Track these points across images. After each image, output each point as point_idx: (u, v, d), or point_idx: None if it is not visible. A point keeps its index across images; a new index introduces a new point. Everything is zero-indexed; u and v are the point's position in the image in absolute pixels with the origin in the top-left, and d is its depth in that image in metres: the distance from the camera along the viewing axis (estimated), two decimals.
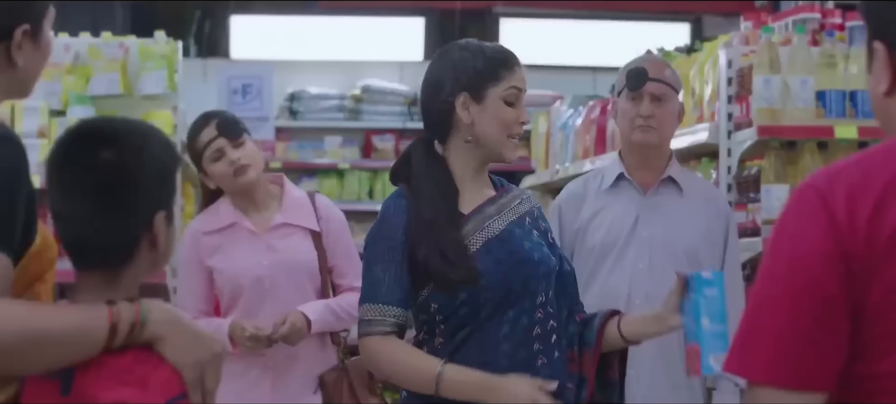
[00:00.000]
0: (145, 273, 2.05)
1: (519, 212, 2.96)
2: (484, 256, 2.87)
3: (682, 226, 3.89)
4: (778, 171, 4.37)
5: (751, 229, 4.41)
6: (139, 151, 1.98)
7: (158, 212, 2.00)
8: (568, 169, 6.42)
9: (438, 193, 2.88)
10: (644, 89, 3.89)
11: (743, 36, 4.98)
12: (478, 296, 2.85)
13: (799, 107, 4.38)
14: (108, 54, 4.80)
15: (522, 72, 2.94)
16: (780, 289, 1.71)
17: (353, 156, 9.40)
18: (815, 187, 1.71)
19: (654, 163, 3.96)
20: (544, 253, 2.93)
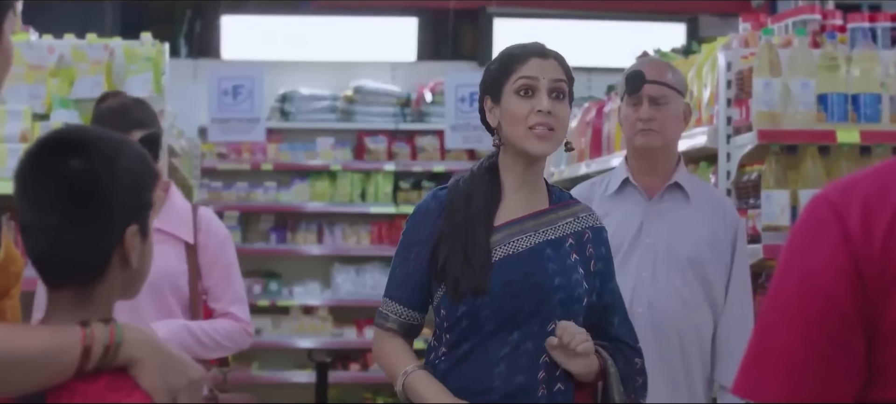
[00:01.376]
0: (120, 293, 1.97)
1: (563, 232, 2.87)
2: (497, 272, 2.80)
3: (686, 234, 3.82)
4: (778, 176, 4.31)
5: (751, 235, 4.34)
6: (111, 161, 1.91)
7: (130, 226, 1.92)
8: (563, 171, 6.39)
9: (474, 196, 2.85)
10: (642, 92, 3.83)
11: (742, 38, 4.91)
12: (478, 311, 2.79)
13: (800, 110, 4.33)
14: (92, 56, 4.70)
15: (540, 62, 2.86)
16: (791, 307, 1.65)
17: (345, 157, 9.39)
18: (829, 200, 1.66)
19: (660, 167, 3.89)
20: (572, 279, 2.82)
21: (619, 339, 2.91)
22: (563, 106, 2.84)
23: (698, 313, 3.84)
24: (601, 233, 2.91)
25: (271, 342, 9.26)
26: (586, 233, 2.89)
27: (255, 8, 9.75)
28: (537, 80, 2.82)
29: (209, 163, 9.22)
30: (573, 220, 2.89)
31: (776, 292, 1.68)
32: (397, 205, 9.29)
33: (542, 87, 2.81)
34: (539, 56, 2.84)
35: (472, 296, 2.79)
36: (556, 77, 2.83)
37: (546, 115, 2.81)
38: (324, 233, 9.40)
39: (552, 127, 2.81)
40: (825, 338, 1.62)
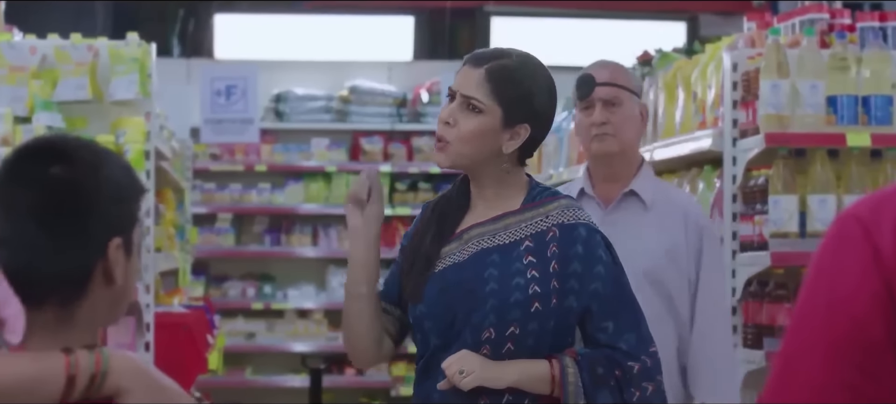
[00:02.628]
0: (105, 315, 1.87)
1: (521, 234, 2.73)
2: (435, 281, 2.73)
3: (642, 245, 3.60)
4: (786, 181, 4.22)
5: (757, 242, 4.26)
6: (94, 169, 1.82)
7: (114, 239, 1.82)
8: (562, 174, 6.31)
9: (441, 206, 2.80)
10: (594, 96, 3.66)
11: (748, 37, 4.84)
12: (422, 322, 2.73)
13: (808, 112, 4.24)
14: (76, 57, 4.60)
15: (466, 70, 2.73)
16: (816, 335, 1.54)
17: (340, 158, 9.41)
18: (858, 217, 1.55)
19: (620, 174, 3.69)
20: (510, 284, 2.67)
21: (612, 346, 2.72)
22: (472, 119, 2.69)
23: (657, 328, 3.58)
24: (576, 231, 2.73)
25: (265, 346, 9.33)
26: (552, 232, 2.72)
27: (248, 7, 9.77)
28: (454, 90, 2.73)
29: (202, 165, 9.25)
30: (541, 219, 2.73)
31: (800, 319, 1.57)
32: (393, 206, 9.35)
33: (457, 97, 2.72)
34: (470, 64, 2.73)
35: (411, 304, 2.74)
36: (470, 93, 2.69)
37: (444, 126, 2.71)
38: (319, 235, 9.46)
39: (448, 140, 2.71)
40: (854, 369, 1.51)
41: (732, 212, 4.35)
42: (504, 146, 2.70)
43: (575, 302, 2.70)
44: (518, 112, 2.69)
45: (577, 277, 2.70)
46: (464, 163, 2.72)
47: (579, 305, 2.71)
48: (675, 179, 4.99)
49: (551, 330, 2.68)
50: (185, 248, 7.35)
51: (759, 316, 4.26)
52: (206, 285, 9.25)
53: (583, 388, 2.66)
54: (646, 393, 2.72)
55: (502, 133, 2.69)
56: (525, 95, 2.70)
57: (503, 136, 2.70)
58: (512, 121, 2.69)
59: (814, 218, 4.18)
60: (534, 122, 2.70)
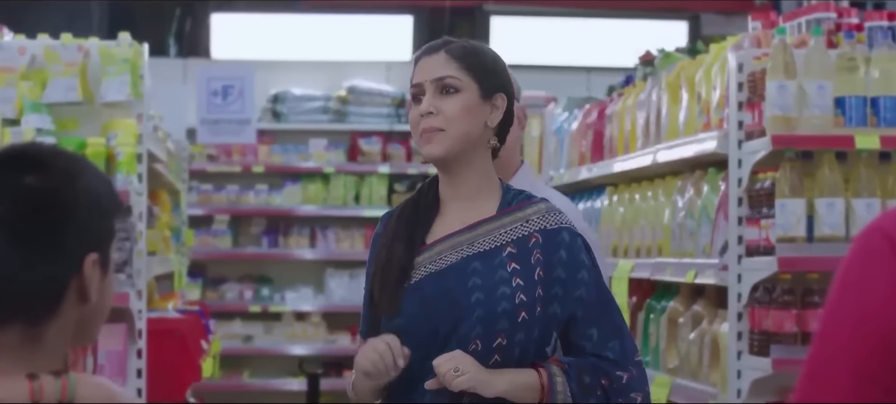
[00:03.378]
0: (75, 335, 1.78)
1: (502, 240, 2.64)
2: (414, 292, 2.63)
3: None
4: (793, 184, 4.16)
5: (764, 247, 4.20)
6: (72, 179, 1.75)
7: (90, 254, 1.74)
8: (563, 175, 6.27)
9: (404, 212, 2.70)
10: None
11: (753, 37, 4.75)
12: (400, 336, 2.61)
13: (816, 114, 4.19)
14: (66, 57, 4.51)
15: (425, 61, 2.68)
16: (841, 354, 1.50)
17: (338, 159, 9.44)
18: (884, 231, 1.52)
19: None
20: (496, 293, 2.60)
21: (598, 355, 2.65)
22: (453, 100, 2.64)
23: None
24: (559, 235, 2.65)
25: (263, 349, 9.33)
26: (534, 238, 2.64)
27: (245, 6, 9.80)
28: (421, 84, 2.66)
29: (199, 166, 9.26)
30: (521, 225, 2.66)
31: (824, 337, 1.53)
32: (392, 208, 9.11)
33: (427, 89, 2.65)
34: (426, 54, 2.68)
35: (388, 317, 2.62)
36: (441, 74, 2.64)
37: (427, 117, 2.63)
38: (317, 236, 9.44)
39: (439, 127, 2.62)
40: (881, 391, 1.49)
41: (738, 216, 4.29)
42: (488, 119, 2.66)
43: (559, 309, 2.63)
44: (491, 82, 2.66)
45: (561, 283, 2.64)
46: (458, 147, 2.64)
47: (564, 312, 2.63)
48: (679, 182, 4.94)
49: (535, 340, 2.62)
50: (180, 251, 7.33)
51: (766, 322, 4.20)
52: (202, 287, 9.31)
53: (571, 397, 2.61)
54: (635, 403, 2.67)
55: (484, 106, 2.66)
56: (490, 65, 2.68)
57: (485, 110, 2.66)
58: (489, 92, 2.66)
59: (822, 222, 4.13)
60: (506, 92, 2.68)
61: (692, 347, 4.66)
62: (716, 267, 4.37)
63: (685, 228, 4.76)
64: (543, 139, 6.75)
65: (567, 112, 6.53)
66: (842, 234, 4.12)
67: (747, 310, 4.27)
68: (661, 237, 5.01)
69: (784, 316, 4.14)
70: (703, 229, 4.61)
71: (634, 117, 5.40)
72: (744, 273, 4.27)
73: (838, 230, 4.12)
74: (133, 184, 4.48)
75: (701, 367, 4.59)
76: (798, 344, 4.10)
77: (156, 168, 5.67)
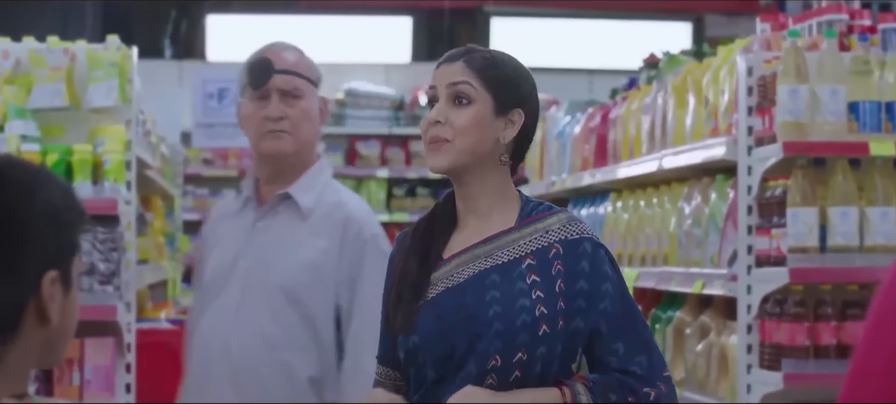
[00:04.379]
0: (39, 358, 1.72)
1: (521, 251, 2.56)
2: (430, 309, 2.54)
3: (284, 256, 3.27)
4: (805, 192, 4.08)
5: (774, 258, 4.13)
6: (28, 190, 1.69)
7: (49, 272, 1.69)
8: (565, 180, 6.20)
9: (422, 230, 2.61)
10: (271, 85, 3.32)
11: (763, 39, 4.68)
12: (415, 355, 2.54)
13: (829, 120, 4.13)
14: (51, 61, 4.39)
15: (444, 67, 2.60)
16: (881, 391, 1.47)
17: (336, 163, 9.38)
18: None
19: (287, 176, 3.34)
20: (515, 306, 2.52)
21: (624, 370, 2.57)
22: (464, 111, 2.54)
23: (290, 353, 3.27)
24: (581, 246, 2.56)
25: None
26: (554, 249, 2.56)
27: (241, 7, 9.83)
28: (436, 89, 2.57)
29: (194, 170, 9.22)
30: (541, 236, 2.57)
31: (861, 375, 1.48)
32: (391, 213, 9.39)
33: (441, 95, 2.56)
34: (446, 61, 2.59)
35: (403, 336, 2.54)
36: (455, 79, 2.55)
37: (435, 126, 2.53)
38: None
39: (446, 138, 2.53)
40: None
41: (747, 225, 4.22)
42: (501, 136, 2.56)
43: (582, 323, 2.54)
44: (508, 96, 2.57)
45: (584, 296, 2.55)
46: (464, 160, 2.54)
47: (587, 326, 2.55)
48: (685, 188, 4.86)
49: (558, 355, 2.53)
50: (175, 257, 7.27)
51: (777, 335, 4.12)
52: None
53: None
54: None
55: (497, 121, 2.56)
56: (511, 78, 2.58)
57: (498, 126, 2.56)
58: (504, 107, 2.56)
59: (835, 232, 4.05)
60: (525, 107, 2.58)
61: (699, 359, 4.59)
62: (724, 277, 4.30)
63: (692, 237, 4.70)
64: (545, 143, 6.71)
65: (569, 115, 6.47)
66: (855, 244, 4.05)
67: (757, 323, 4.20)
68: (667, 245, 4.95)
69: (796, 329, 4.07)
70: (711, 238, 4.54)
71: (639, 121, 5.34)
72: (754, 284, 4.20)
73: (852, 240, 4.05)
74: (121, 192, 4.37)
75: (708, 380, 4.52)
76: (810, 357, 4.04)
77: (148, 174, 5.57)
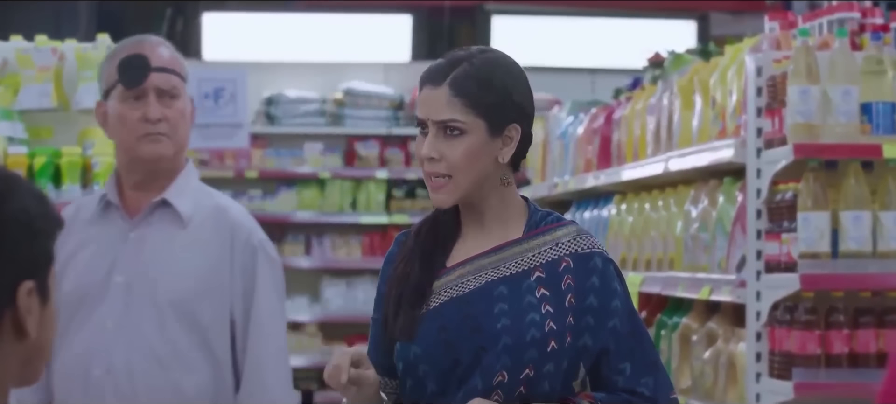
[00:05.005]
0: (16, 374, 1.68)
1: (530, 263, 2.51)
2: (433, 318, 2.48)
3: (173, 270, 3.10)
4: (817, 196, 4.03)
5: (785, 263, 4.06)
6: (1, 200, 1.64)
7: (24, 283, 1.65)
8: (568, 182, 6.16)
9: (424, 234, 2.55)
10: (147, 84, 3.12)
11: (772, 38, 4.63)
12: (415, 366, 2.48)
13: (841, 121, 4.08)
14: (39, 61, 4.33)
15: (428, 93, 2.48)
16: None
17: (334, 164, 9.34)
18: None
19: (158, 181, 3.16)
20: (524, 320, 2.46)
21: (630, 391, 2.54)
22: (457, 144, 2.45)
23: (183, 372, 3.10)
24: (591, 260, 2.51)
25: None
26: (565, 262, 2.50)
27: (238, 5, 9.77)
28: (425, 120, 2.48)
29: None
30: (550, 248, 2.52)
31: None
32: (390, 214, 9.30)
33: (430, 128, 2.47)
34: (429, 84, 2.48)
35: (401, 343, 2.49)
36: (444, 118, 2.45)
37: (430, 162, 2.46)
38: (312, 244, 9.34)
39: (444, 173, 2.46)
40: None
41: (757, 230, 4.15)
42: (499, 156, 2.49)
43: (590, 340, 2.49)
44: (502, 115, 2.47)
45: (593, 313, 2.50)
46: (468, 190, 2.48)
47: (595, 345, 2.50)
48: (692, 191, 4.79)
49: (564, 372, 2.49)
50: None
51: (787, 343, 4.06)
52: None
53: None
54: None
55: (492, 143, 2.48)
56: (501, 94, 2.48)
57: (495, 146, 2.48)
58: (499, 127, 2.48)
59: (847, 236, 3.99)
60: (521, 120, 2.50)
61: (706, 367, 4.53)
62: (733, 283, 4.25)
63: (699, 241, 4.64)
64: (547, 144, 6.69)
65: (572, 116, 6.43)
66: (868, 250, 4.00)
67: (767, 330, 4.15)
68: (673, 250, 4.89)
69: (807, 337, 4.01)
70: (719, 242, 4.48)
71: (644, 122, 5.29)
72: (763, 290, 4.14)
73: (865, 245, 3.99)
74: None
75: (716, 388, 4.46)
76: (821, 366, 3.98)
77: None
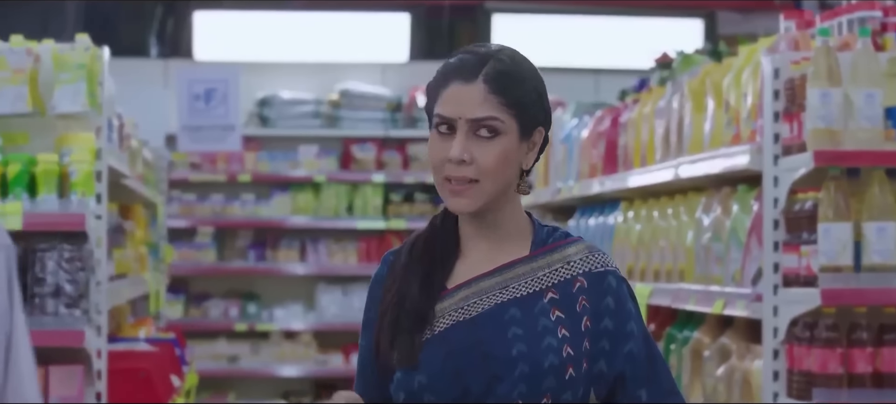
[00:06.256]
0: None
1: (541, 284, 2.39)
2: (437, 344, 2.35)
3: None
4: (838, 206, 3.94)
5: (804, 277, 3.96)
6: None
7: None
8: (572, 188, 6.11)
9: (419, 252, 2.42)
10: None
11: (789, 39, 4.48)
12: (420, 396, 2.36)
13: (864, 126, 3.99)
14: (13, 63, 4.16)
15: (460, 89, 2.34)
16: None
17: (330, 167, 9.29)
18: None
19: None
20: (541, 345, 2.34)
21: None
22: (491, 146, 2.34)
23: None
24: (606, 280, 2.40)
25: (249, 370, 9.17)
26: (578, 282, 2.39)
27: (231, 3, 9.72)
28: (452, 120, 2.34)
29: (180, 175, 9.23)
30: (562, 267, 2.40)
31: None
32: (387, 219, 9.29)
33: (460, 128, 2.34)
34: (461, 80, 2.34)
35: (403, 371, 2.36)
36: (481, 115, 2.33)
37: (458, 165, 2.33)
38: (307, 250, 9.30)
39: (472, 177, 2.33)
40: None
41: (774, 241, 4.04)
42: (523, 161, 2.41)
43: (606, 366, 2.39)
44: (532, 117, 2.38)
45: (608, 336, 2.39)
46: (492, 197, 2.38)
47: (611, 371, 2.39)
48: (703, 199, 4.67)
49: (579, 399, 2.40)
50: (159, 268, 7.11)
51: (807, 362, 3.94)
52: (185, 305, 9.27)
53: None
54: None
55: (520, 147, 2.39)
56: (532, 94, 2.38)
57: (522, 151, 2.39)
58: (528, 129, 2.39)
59: (870, 249, 3.88)
60: (546, 123, 2.42)
61: (719, 384, 4.41)
62: (748, 297, 4.15)
63: (711, 252, 4.52)
64: (550, 147, 6.52)
65: (576, 118, 6.36)
66: (894, 263, 3.92)
67: (785, 348, 4.06)
68: (684, 260, 4.78)
69: (828, 355, 3.90)
70: (733, 254, 4.36)
71: (653, 126, 5.19)
72: (781, 305, 4.03)
73: (889, 258, 3.91)
74: (90, 206, 4.10)
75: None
76: (844, 387, 3.87)
77: (126, 184, 5.29)
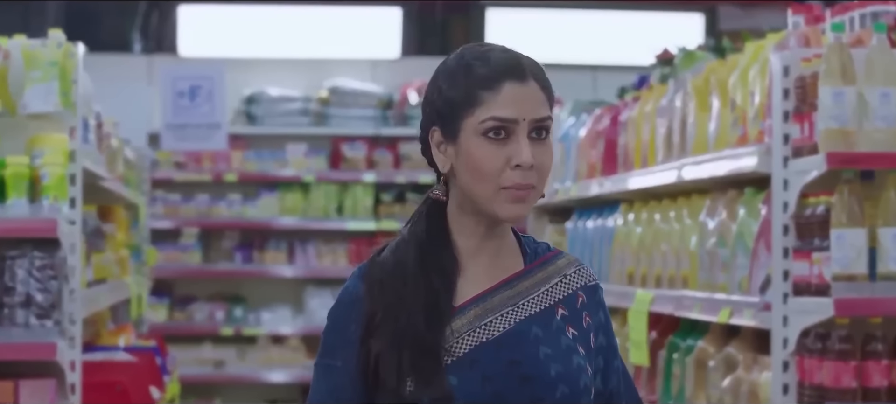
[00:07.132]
0: None
1: (550, 300, 2.33)
2: (466, 368, 2.24)
3: None
4: (852, 211, 3.86)
5: (816, 286, 3.87)
6: None
7: None
8: (570, 189, 6.02)
9: (412, 269, 2.29)
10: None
11: (800, 35, 4.40)
12: None
13: (879, 127, 3.92)
14: None
15: (517, 89, 2.24)
16: None
17: (319, 166, 9.26)
18: None
19: None
20: (573, 365, 2.29)
21: None
22: (546, 147, 2.28)
23: None
24: (597, 294, 2.40)
25: (236, 376, 9.14)
26: (580, 297, 2.37)
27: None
28: (514, 122, 2.24)
29: (164, 174, 9.19)
30: (560, 281, 2.36)
31: None
32: (378, 220, 9.26)
33: (520, 130, 2.25)
34: (516, 79, 2.25)
35: (434, 400, 2.24)
36: (542, 115, 2.26)
37: (527, 171, 2.24)
38: (295, 251, 9.27)
39: (533, 184, 2.26)
40: None
41: (783, 248, 3.96)
42: None
43: (602, 383, 2.38)
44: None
45: (603, 353, 2.38)
46: None
47: (605, 388, 2.38)
48: (708, 202, 4.58)
49: None
50: (141, 271, 7.00)
51: (819, 375, 3.84)
52: (169, 308, 9.22)
53: None
54: None
55: None
56: (553, 94, 2.39)
57: None
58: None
59: (886, 256, 3.80)
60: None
61: (725, 396, 4.34)
62: (756, 306, 4.08)
63: (716, 257, 4.42)
64: None
65: (574, 116, 6.27)
66: None
67: (795, 359, 3.94)
68: (687, 266, 4.67)
69: (841, 368, 3.82)
70: (739, 260, 4.27)
71: (654, 125, 5.09)
72: (791, 315, 3.94)
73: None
74: (62, 211, 3.96)
75: None
76: (858, 401, 3.81)
77: (105, 186, 5.12)
